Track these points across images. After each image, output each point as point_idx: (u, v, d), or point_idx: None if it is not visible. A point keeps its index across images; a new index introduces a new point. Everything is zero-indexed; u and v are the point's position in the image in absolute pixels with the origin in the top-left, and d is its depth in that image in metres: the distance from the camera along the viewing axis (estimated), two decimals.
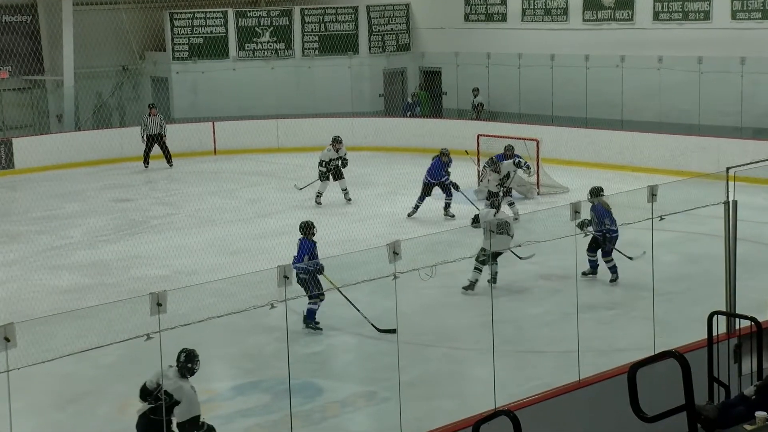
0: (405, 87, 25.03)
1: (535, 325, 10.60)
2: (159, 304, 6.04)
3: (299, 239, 10.78)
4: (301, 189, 17.18)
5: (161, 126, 20.79)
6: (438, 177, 15.52)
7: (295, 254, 10.63)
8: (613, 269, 12.00)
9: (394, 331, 10.08)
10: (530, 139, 17.31)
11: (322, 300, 10.33)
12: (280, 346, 9.28)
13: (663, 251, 11.30)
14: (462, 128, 20.85)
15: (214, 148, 22.32)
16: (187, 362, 7.14)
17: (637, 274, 11.70)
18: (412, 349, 9.65)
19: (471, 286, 11.73)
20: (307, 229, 10.75)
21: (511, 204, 15.33)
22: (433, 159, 15.78)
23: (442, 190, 15.54)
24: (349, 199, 16.90)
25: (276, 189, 18.34)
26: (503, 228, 11.95)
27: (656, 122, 20.18)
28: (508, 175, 15.52)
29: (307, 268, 10.03)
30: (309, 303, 10.37)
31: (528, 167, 16.01)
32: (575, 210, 8.48)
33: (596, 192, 12.28)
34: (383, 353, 9.61)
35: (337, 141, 16.93)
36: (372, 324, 10.34)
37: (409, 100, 23.80)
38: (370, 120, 22.69)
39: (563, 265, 11.75)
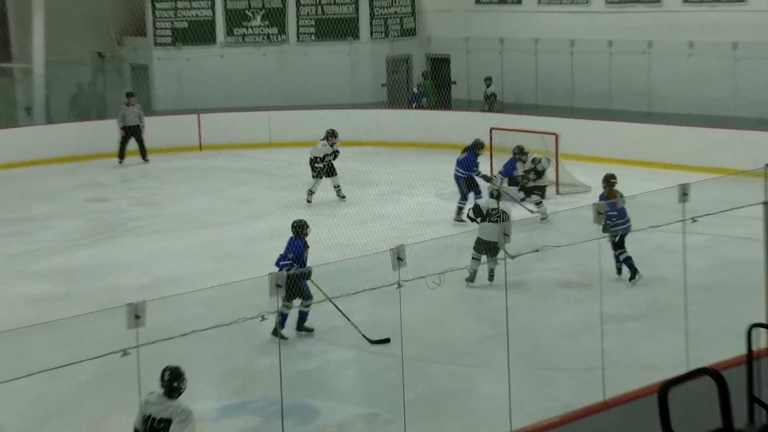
0: (410, 76, 24.99)
1: (554, 338, 10.56)
2: (137, 316, 6.01)
3: (290, 238, 10.85)
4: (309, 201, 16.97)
5: (140, 117, 20.77)
6: (471, 170, 15.54)
7: (281, 253, 10.71)
8: (627, 262, 12.04)
9: (387, 341, 10.13)
10: (548, 133, 17.28)
11: (289, 307, 10.37)
12: (271, 363, 9.23)
13: (695, 256, 11.23)
14: (473, 121, 20.78)
15: (200, 143, 22.29)
16: (173, 381, 7.06)
17: (667, 281, 11.65)
18: (417, 365, 9.60)
19: (471, 277, 12.10)
20: (299, 229, 10.86)
21: (538, 203, 15.32)
22: (465, 152, 15.75)
23: (458, 185, 15.58)
24: (343, 197, 16.94)
25: (268, 188, 18.30)
26: (498, 216, 12.36)
27: (687, 114, 20.12)
28: (534, 170, 15.52)
29: (291, 269, 10.16)
30: (300, 307, 10.47)
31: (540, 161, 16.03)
32: (598, 211, 8.44)
33: (608, 179, 12.59)
34: (385, 370, 9.57)
35: (332, 135, 16.93)
36: (363, 335, 10.34)
37: (415, 90, 23.77)
38: (372, 112, 22.64)
39: (585, 271, 11.68)
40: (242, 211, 16.61)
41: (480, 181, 15.68)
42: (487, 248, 12.09)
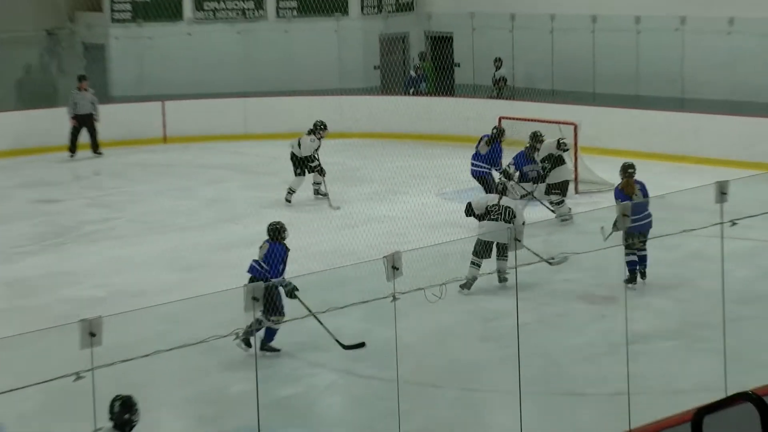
0: (407, 57, 25.00)
1: (574, 359, 10.59)
2: (92, 334, 6.02)
3: (267, 243, 10.87)
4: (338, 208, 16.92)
5: (93, 104, 20.77)
6: (496, 164, 15.73)
7: (257, 258, 10.77)
8: (631, 265, 12.07)
9: (362, 345, 10.19)
10: (566, 123, 17.30)
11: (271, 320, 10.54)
12: (247, 388, 9.24)
13: (735, 265, 11.26)
14: (479, 109, 20.80)
15: (164, 135, 22.29)
16: (124, 413, 7.03)
17: (703, 293, 11.68)
18: (416, 391, 9.62)
19: (467, 284, 12.22)
20: (278, 232, 10.90)
21: (559, 203, 15.30)
22: (488, 144, 15.90)
23: (485, 184, 15.73)
24: (325, 194, 16.97)
25: (243, 186, 18.31)
26: (499, 213, 12.45)
27: (726, 101, 20.17)
28: (550, 156, 15.54)
29: (283, 285, 10.26)
30: (269, 323, 10.55)
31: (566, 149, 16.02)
32: (623, 213, 8.46)
33: (625, 168, 12.68)
34: (379, 396, 9.58)
35: (322, 127, 16.96)
36: (336, 340, 10.39)
37: (413, 73, 23.79)
38: (363, 99, 22.66)
39: (608, 282, 11.71)
40: (213, 214, 16.60)
41: (496, 175, 15.76)
42: (488, 251, 12.31)
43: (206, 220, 16.25)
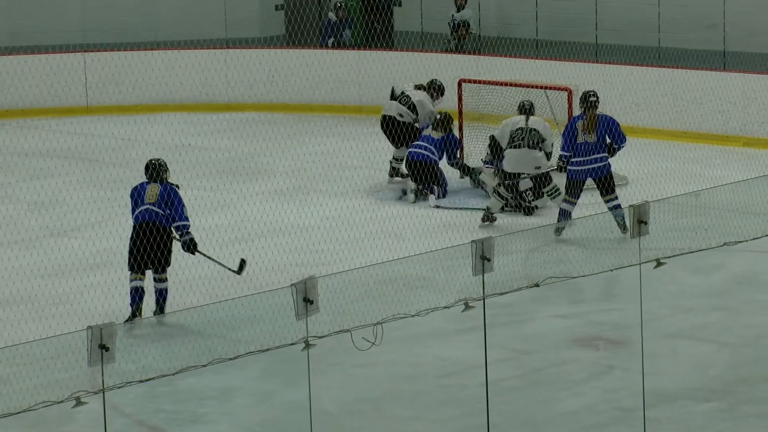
0: None
1: (570, 431, 10.69)
2: None
3: (155, 184, 11.95)
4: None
5: None
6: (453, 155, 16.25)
7: (149, 203, 11.93)
8: (563, 215, 13.64)
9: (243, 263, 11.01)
10: (556, 88, 17.39)
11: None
12: None
13: None
14: (429, 68, 20.86)
15: None
16: None
17: (753, 334, 11.82)
18: None
19: (488, 216, 14.02)
20: (161, 170, 12.19)
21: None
22: (442, 128, 16.31)
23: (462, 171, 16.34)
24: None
25: (85, 183, 18.22)
26: (522, 138, 14.13)
27: None
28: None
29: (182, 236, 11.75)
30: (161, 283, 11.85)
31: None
32: (639, 219, 8.57)
33: (586, 97, 13.94)
34: None
35: (438, 90, 17.54)
36: (227, 267, 11.10)
37: (332, 15, 23.83)
38: (260, 53, 22.64)
39: (618, 320, 11.82)
40: (40, 223, 16.50)
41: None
42: (515, 185, 14.15)
43: (27, 233, 16.12)
